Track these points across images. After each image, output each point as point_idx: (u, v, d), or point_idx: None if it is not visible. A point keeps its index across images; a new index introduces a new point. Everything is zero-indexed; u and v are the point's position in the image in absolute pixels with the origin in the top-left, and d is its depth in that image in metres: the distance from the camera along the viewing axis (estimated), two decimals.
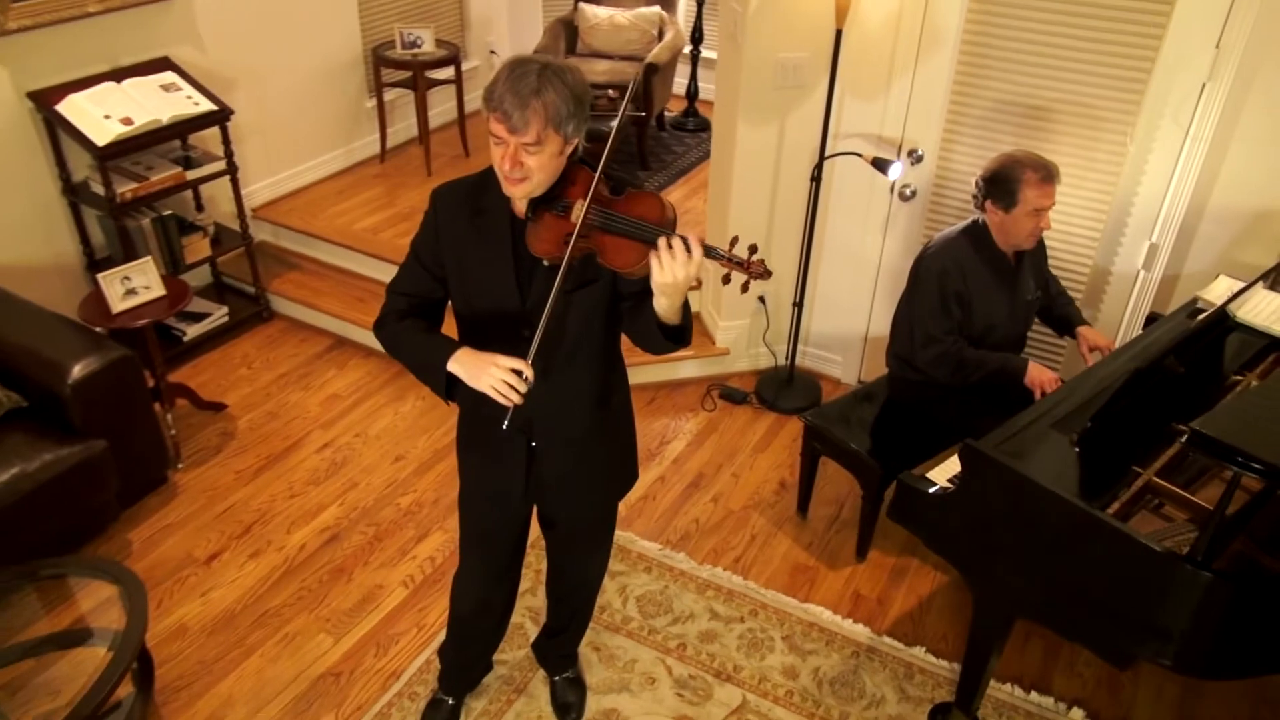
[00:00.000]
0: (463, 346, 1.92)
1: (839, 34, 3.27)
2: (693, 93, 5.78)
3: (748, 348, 4.11)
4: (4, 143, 3.60)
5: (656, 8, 5.32)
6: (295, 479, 3.50)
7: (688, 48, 5.63)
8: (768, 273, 1.76)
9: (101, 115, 3.60)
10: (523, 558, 2.48)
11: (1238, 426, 1.94)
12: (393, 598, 3.04)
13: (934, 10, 3.23)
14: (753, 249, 1.77)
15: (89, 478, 3.01)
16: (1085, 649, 2.71)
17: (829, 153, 3.50)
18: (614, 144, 1.92)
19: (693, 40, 5.66)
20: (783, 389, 3.98)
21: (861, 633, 2.96)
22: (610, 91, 4.77)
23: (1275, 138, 2.94)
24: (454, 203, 2.00)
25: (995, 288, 2.93)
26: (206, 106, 3.87)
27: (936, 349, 2.93)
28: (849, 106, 3.52)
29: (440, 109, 5.43)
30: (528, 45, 5.82)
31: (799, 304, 3.82)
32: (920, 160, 3.49)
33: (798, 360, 4.00)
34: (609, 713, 2.70)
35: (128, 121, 3.62)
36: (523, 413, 1.85)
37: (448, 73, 5.09)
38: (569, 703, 2.70)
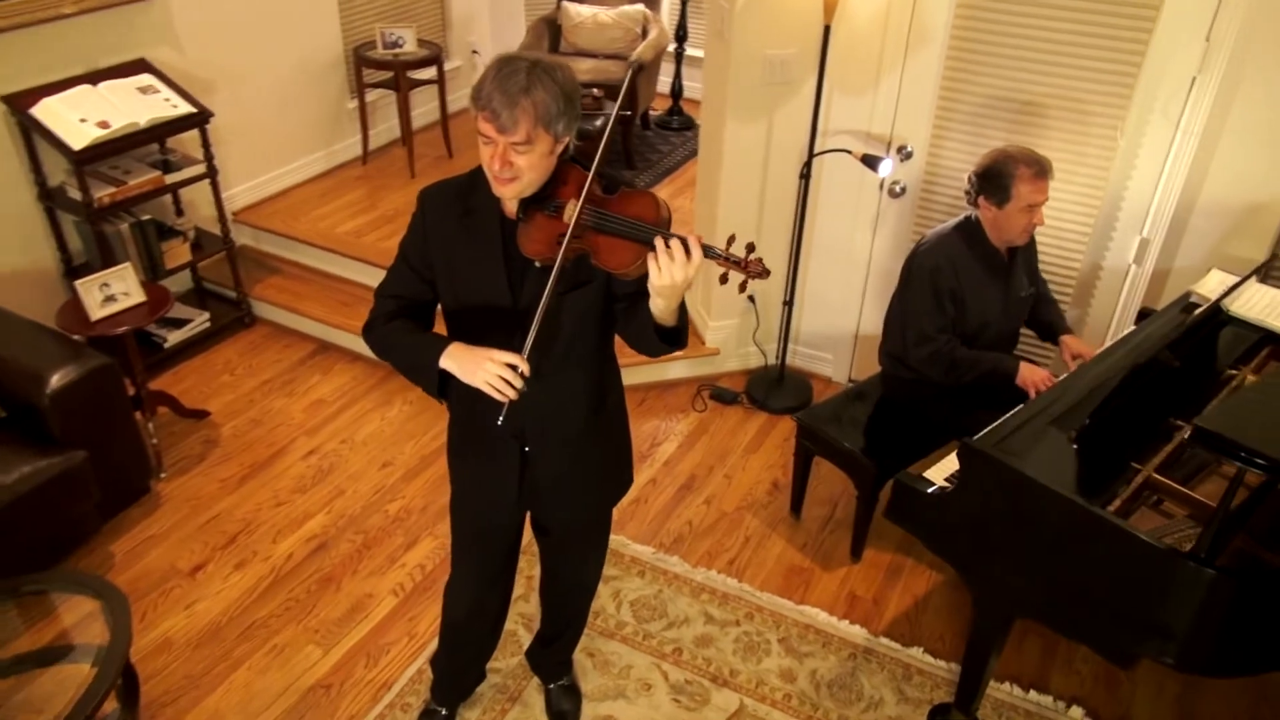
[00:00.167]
0: (454, 342, 1.88)
1: (827, 30, 3.25)
2: (677, 91, 5.74)
3: (738, 347, 4.07)
4: None
5: (640, 5, 5.28)
6: (280, 487, 3.44)
7: (672, 46, 5.59)
8: (766, 271, 1.72)
9: (77, 119, 3.53)
10: (516, 564, 2.44)
11: (1240, 422, 1.92)
12: (383, 607, 2.99)
13: (922, 5, 3.20)
14: (750, 247, 1.73)
15: (69, 489, 2.95)
16: (1084, 647, 2.71)
17: (818, 150, 3.47)
18: (607, 142, 1.88)
19: (677, 38, 5.63)
20: (773, 388, 3.95)
21: (858, 634, 2.93)
22: (595, 90, 4.73)
23: (1266, 131, 2.93)
24: (442, 203, 1.96)
25: (989, 284, 2.91)
26: (185, 109, 3.80)
27: (929, 348, 2.91)
28: (838, 103, 3.49)
29: (422, 110, 5.37)
30: (510, 44, 5.77)
31: (789, 303, 3.79)
32: (910, 157, 3.47)
33: (788, 359, 3.98)
34: None
35: (104, 125, 3.55)
36: (517, 408, 1.81)
37: (430, 73, 5.04)
38: (564, 711, 2.66)
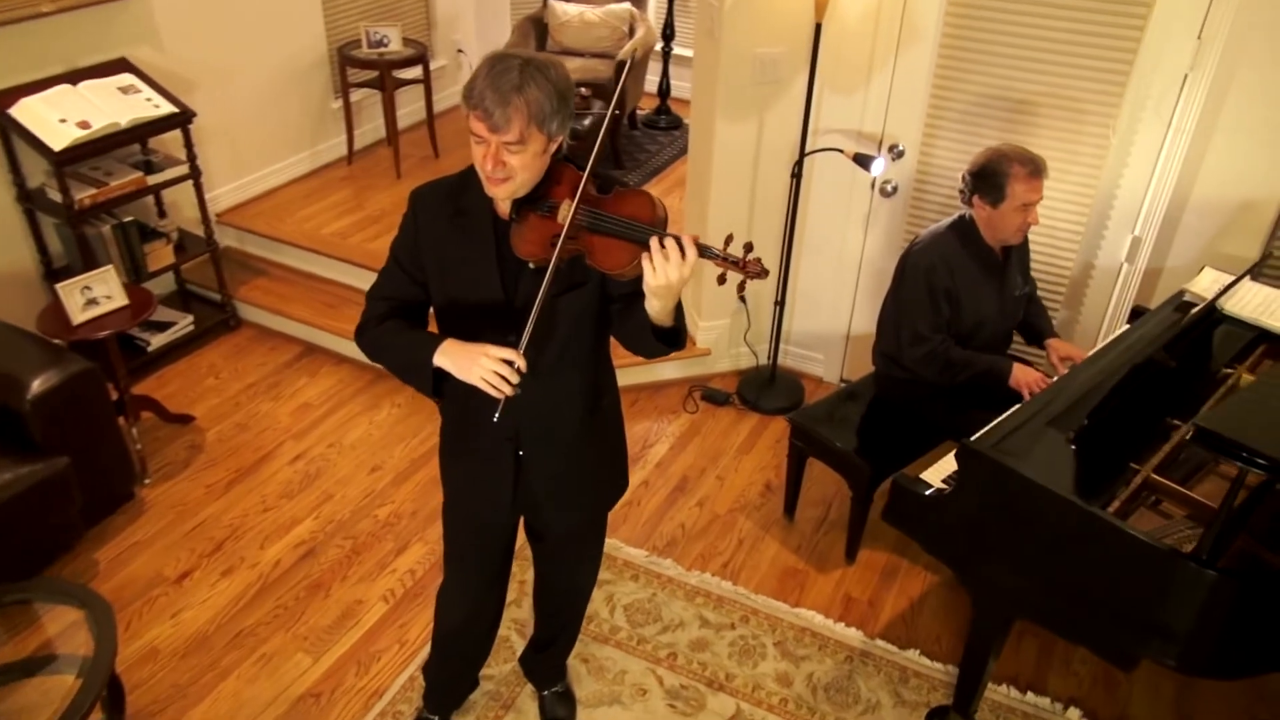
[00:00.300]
0: (449, 339, 1.83)
1: (818, 28, 3.22)
2: (665, 90, 5.71)
3: (729, 348, 4.05)
4: None
5: (627, 4, 5.24)
6: (268, 492, 3.39)
7: (659, 45, 5.56)
8: (765, 271, 1.70)
9: (57, 119, 3.46)
10: (510, 569, 2.40)
11: (1242, 422, 1.91)
12: (373, 613, 2.95)
13: (913, 2, 3.18)
14: (748, 247, 1.70)
15: (51, 496, 2.89)
16: (1081, 648, 2.70)
17: (809, 149, 3.45)
18: (602, 141, 1.85)
19: (664, 37, 5.60)
20: (765, 389, 3.93)
21: (854, 637, 2.91)
22: (582, 89, 4.69)
23: (1258, 128, 2.93)
24: (433, 203, 1.92)
25: (983, 283, 2.89)
26: (167, 109, 3.74)
27: (924, 348, 2.89)
28: (828, 102, 3.47)
29: (408, 109, 5.32)
30: (496, 43, 5.73)
31: (780, 303, 3.77)
32: (901, 155, 3.45)
33: (779, 359, 3.95)
34: None
35: (85, 125, 3.48)
36: (513, 405, 1.77)
37: (415, 72, 4.98)
38: (559, 717, 2.63)
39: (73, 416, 2.98)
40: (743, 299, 3.90)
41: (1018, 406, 2.73)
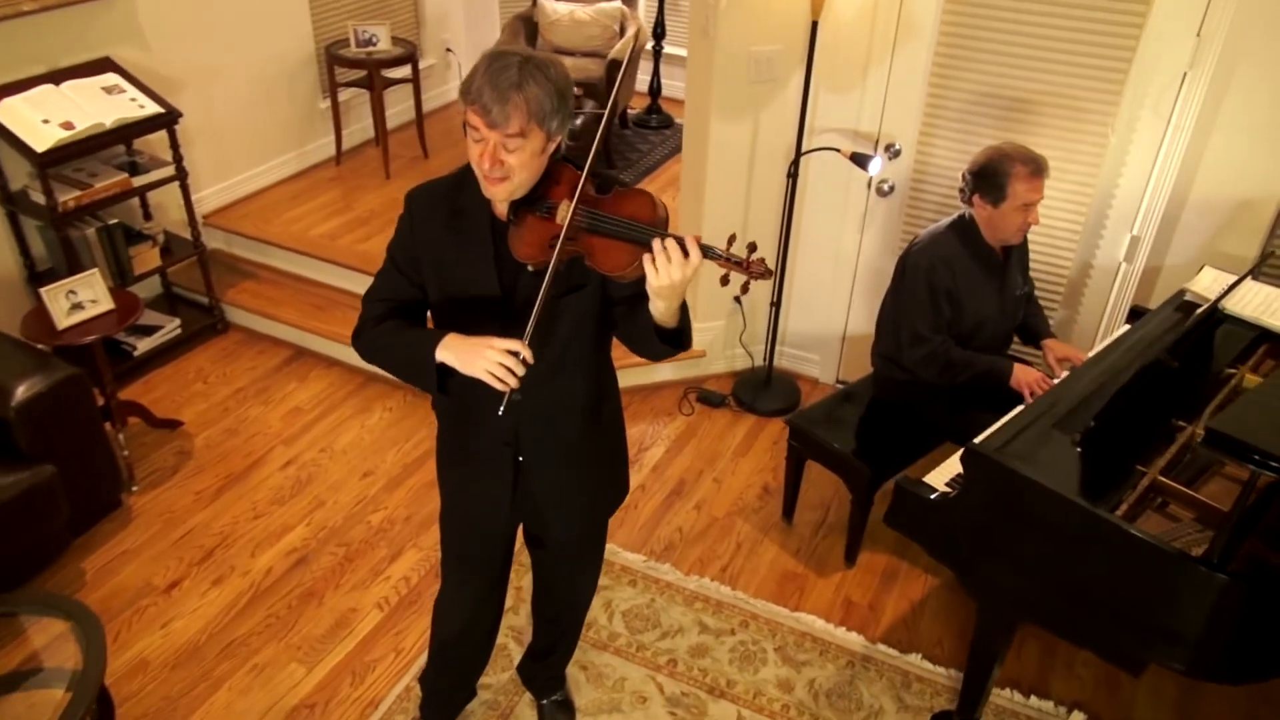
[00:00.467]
0: (450, 333, 1.78)
1: (814, 26, 3.19)
2: (656, 89, 5.67)
3: (724, 349, 4.01)
4: None
5: (618, 3, 5.20)
6: (258, 499, 3.33)
7: (650, 43, 5.52)
8: (769, 272, 1.66)
9: (40, 120, 3.40)
10: (508, 576, 2.36)
11: (1252, 424, 1.88)
12: (367, 622, 2.90)
13: (910, 1, 3.15)
14: (752, 247, 1.67)
15: (37, 506, 2.83)
16: (1083, 650, 2.68)
17: (806, 148, 3.42)
18: (601, 140, 1.81)
19: (655, 36, 5.56)
20: (761, 390, 3.89)
21: (855, 641, 2.88)
22: (575, 89, 4.65)
23: (1257, 126, 2.92)
24: (429, 205, 1.88)
25: (984, 283, 2.87)
26: (152, 109, 3.68)
27: (924, 348, 2.86)
28: (824, 101, 3.44)
29: (396, 109, 5.26)
30: (485, 42, 5.68)
31: (776, 304, 3.74)
32: (898, 155, 3.42)
33: (775, 360, 3.92)
34: None
35: (68, 126, 3.42)
36: (517, 399, 1.72)
37: (404, 71, 4.93)
38: None
39: (58, 423, 2.92)
40: (738, 300, 3.87)
41: (1021, 408, 2.70)
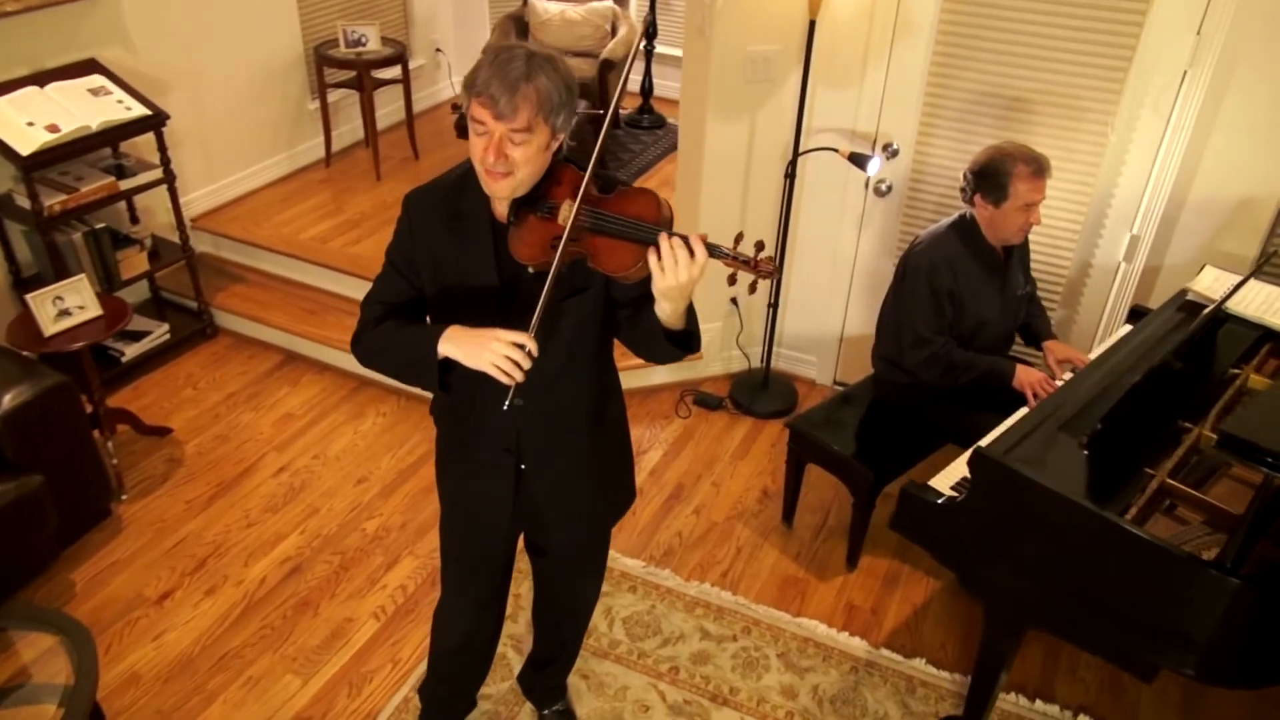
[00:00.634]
0: (452, 325, 1.73)
1: (812, 25, 3.16)
2: (647, 89, 5.64)
3: (720, 350, 3.98)
4: None
5: (609, 2, 5.17)
6: (250, 507, 3.28)
7: (642, 43, 5.49)
8: (777, 270, 1.63)
9: (24, 122, 3.34)
10: (508, 585, 2.32)
11: (1267, 426, 1.86)
12: (363, 632, 2.85)
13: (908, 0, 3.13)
14: (759, 246, 1.64)
15: (25, 516, 2.77)
16: (1086, 653, 2.66)
17: (804, 148, 3.39)
18: (604, 140, 1.78)
19: (647, 36, 5.52)
20: (758, 392, 3.86)
21: (858, 646, 2.85)
22: None
23: (1257, 125, 2.90)
24: (428, 207, 1.84)
25: (986, 283, 2.84)
26: (139, 111, 3.61)
27: (926, 350, 2.83)
28: (822, 100, 3.41)
29: (386, 110, 5.20)
30: (475, 42, 5.63)
31: (774, 305, 3.70)
32: (896, 154, 3.39)
33: (772, 362, 3.89)
34: None
35: (54, 129, 3.36)
36: (519, 403, 1.68)
37: (394, 72, 4.88)
38: None
39: (46, 432, 2.87)
40: (734, 302, 3.84)
41: (1026, 411, 2.68)
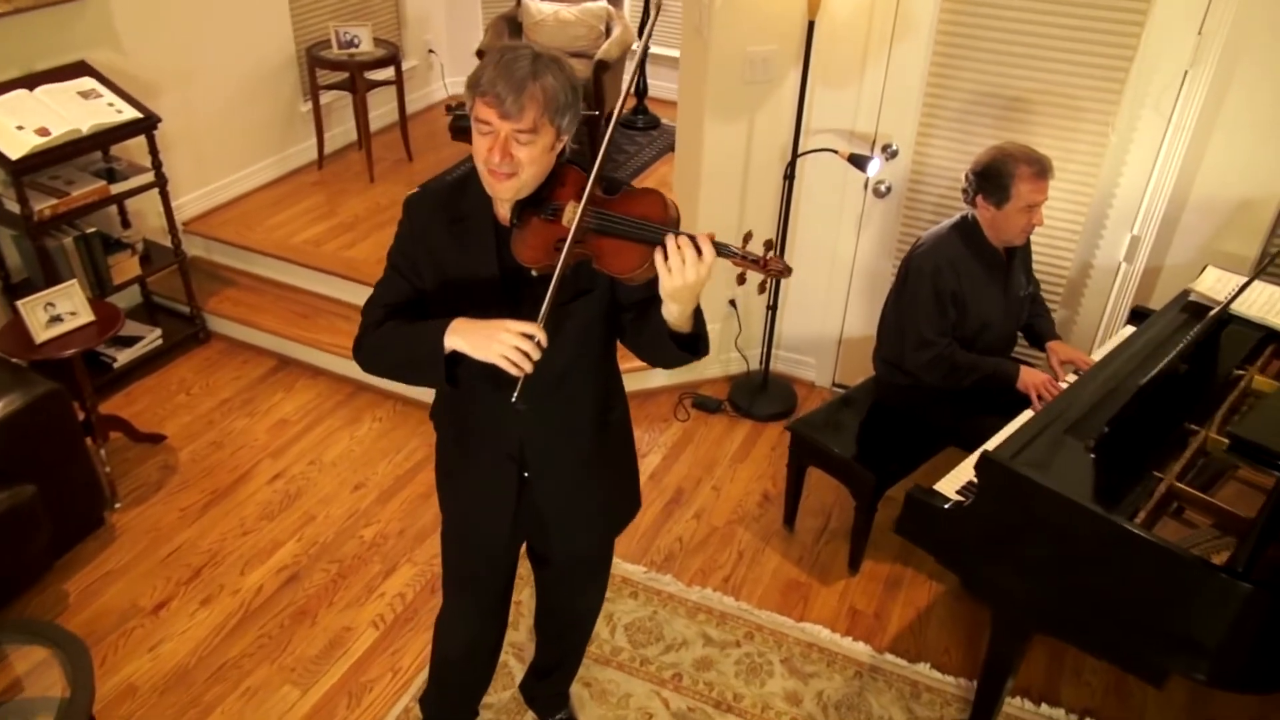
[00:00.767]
0: (458, 318, 1.68)
1: (811, 25, 3.14)
2: (642, 89, 5.61)
3: (719, 353, 3.95)
4: None
5: (603, 2, 5.13)
6: (246, 514, 3.24)
7: (636, 43, 5.45)
8: (787, 269, 1.61)
9: (14, 126, 3.29)
10: (511, 595, 2.29)
11: (1278, 430, 1.84)
12: (362, 641, 2.82)
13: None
14: (769, 245, 1.62)
15: (17, 527, 2.72)
16: (1090, 656, 2.64)
17: (803, 149, 3.37)
18: (609, 140, 1.75)
19: (640, 36, 5.49)
20: (757, 395, 3.84)
21: (862, 651, 2.83)
22: None
23: (1258, 125, 2.89)
24: (429, 210, 1.80)
25: (988, 285, 2.83)
26: (131, 114, 3.57)
27: (929, 352, 2.82)
28: (821, 101, 3.38)
29: (378, 111, 5.16)
30: (468, 43, 5.59)
31: (773, 307, 3.68)
32: (895, 155, 3.37)
33: (771, 364, 3.86)
34: None
35: (44, 132, 3.31)
36: (528, 391, 1.65)
37: (387, 73, 4.84)
38: None
39: (38, 441, 2.83)
40: (732, 303, 3.81)
41: (1030, 414, 2.67)
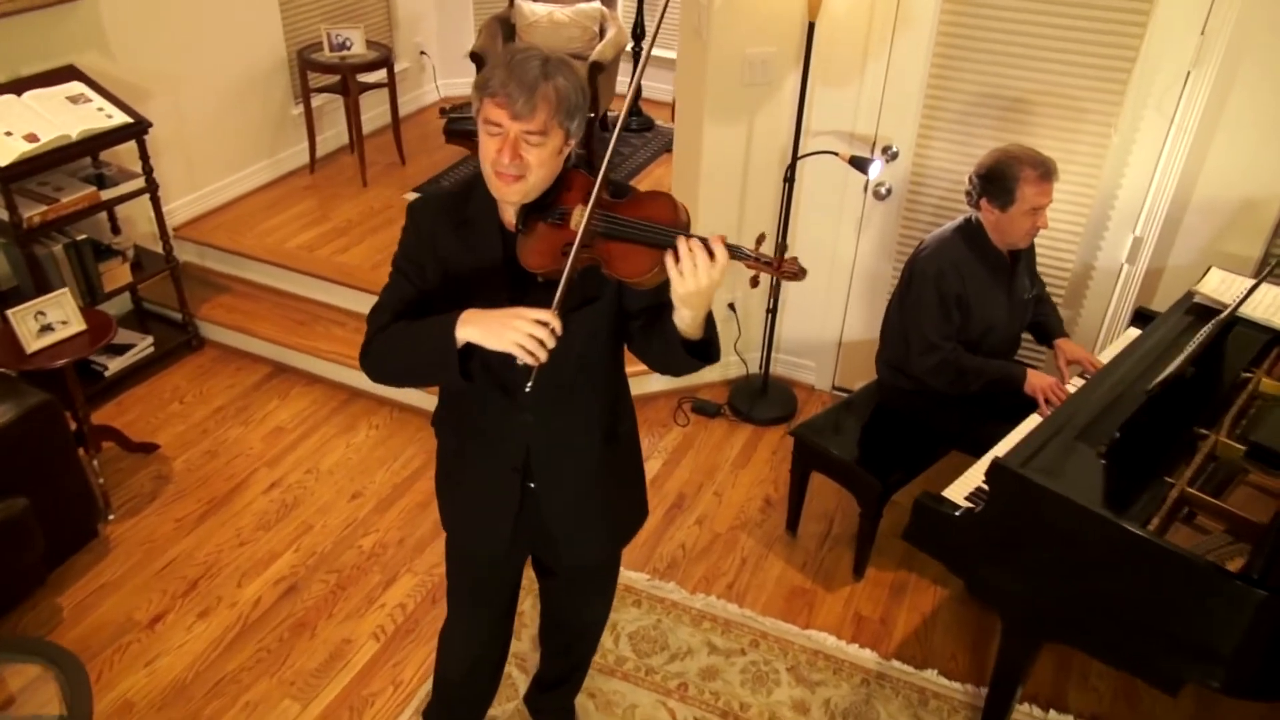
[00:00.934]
0: (468, 309, 1.63)
1: (811, 27, 3.11)
2: (636, 91, 5.57)
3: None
4: None
5: (597, 3, 5.10)
6: (242, 525, 3.19)
7: (629, 45, 5.42)
8: (802, 271, 1.58)
9: (2, 132, 3.23)
10: (515, 607, 2.26)
11: None
12: (363, 653, 2.78)
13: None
14: (782, 247, 1.59)
15: (11, 541, 2.67)
16: (1097, 662, 2.62)
17: (803, 152, 3.34)
18: (615, 143, 1.72)
19: (634, 37, 5.47)
20: (757, 399, 3.81)
21: (869, 658, 2.81)
22: None
23: (1261, 125, 2.88)
24: (433, 214, 1.77)
25: (993, 287, 2.80)
26: (121, 119, 3.52)
27: (935, 356, 2.79)
28: (820, 103, 3.36)
29: (370, 114, 5.12)
30: (460, 44, 5.56)
31: (772, 310, 3.65)
32: (895, 157, 3.35)
33: (770, 368, 3.84)
34: None
35: (32, 138, 3.26)
36: (544, 374, 1.61)
37: (379, 75, 4.79)
38: None
39: (30, 453, 2.78)
40: (731, 306, 3.78)
41: (1038, 419, 2.65)
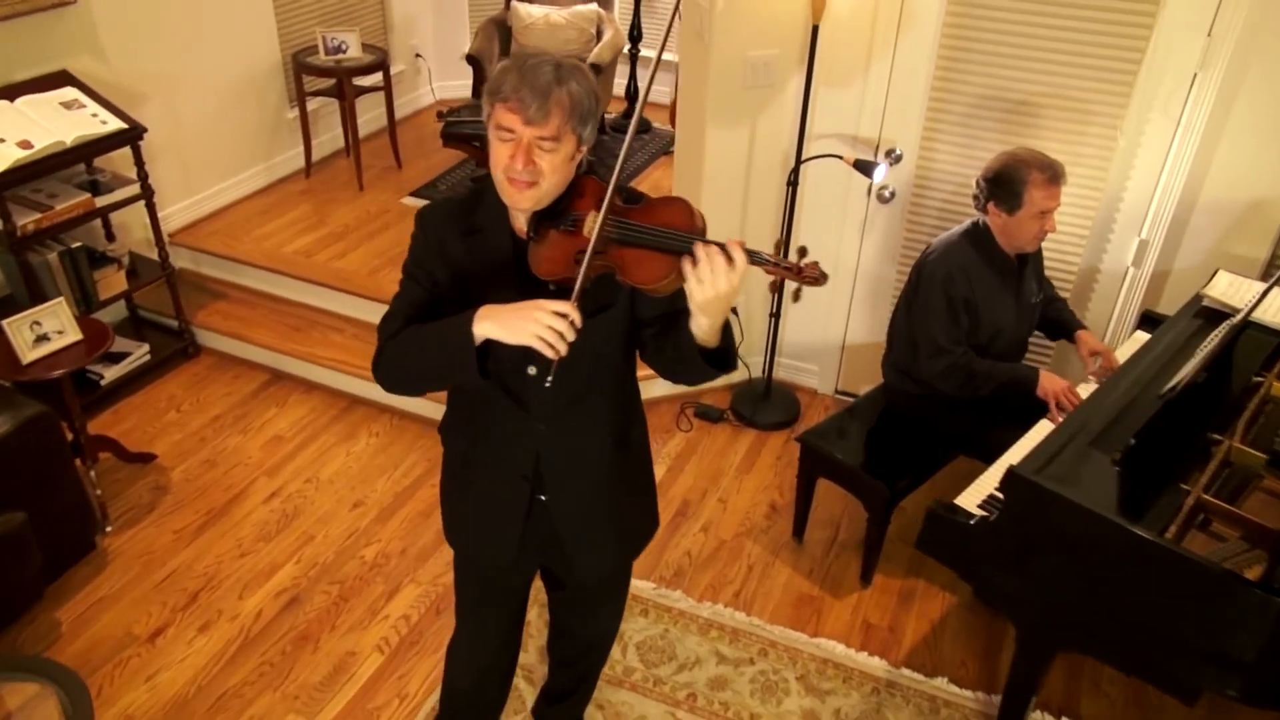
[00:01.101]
0: (482, 306, 1.59)
1: (815, 30, 3.09)
2: (632, 93, 5.55)
3: None
4: None
5: (594, 6, 5.07)
6: (243, 535, 3.15)
7: (626, 47, 5.39)
8: (824, 276, 1.55)
9: None
10: (524, 620, 2.23)
11: None
12: (367, 665, 2.74)
13: (912, 1, 3.06)
14: (802, 252, 1.57)
15: (8, 556, 2.63)
16: (1108, 668, 2.61)
17: (806, 155, 3.31)
18: (628, 148, 1.70)
19: (631, 39, 5.44)
20: (760, 404, 3.79)
21: (878, 666, 2.78)
22: None
23: (1267, 127, 2.86)
24: (443, 221, 1.73)
25: (1001, 291, 2.78)
26: (115, 125, 3.47)
27: (945, 360, 2.77)
28: (823, 106, 3.33)
29: (365, 117, 5.07)
30: (456, 47, 5.52)
31: (775, 314, 3.63)
32: (899, 160, 3.33)
33: (773, 372, 3.81)
34: None
35: (26, 145, 3.21)
36: (562, 371, 1.57)
37: (374, 79, 4.75)
38: None
39: (27, 466, 2.73)
40: (734, 310, 3.75)
41: (1048, 425, 2.64)
